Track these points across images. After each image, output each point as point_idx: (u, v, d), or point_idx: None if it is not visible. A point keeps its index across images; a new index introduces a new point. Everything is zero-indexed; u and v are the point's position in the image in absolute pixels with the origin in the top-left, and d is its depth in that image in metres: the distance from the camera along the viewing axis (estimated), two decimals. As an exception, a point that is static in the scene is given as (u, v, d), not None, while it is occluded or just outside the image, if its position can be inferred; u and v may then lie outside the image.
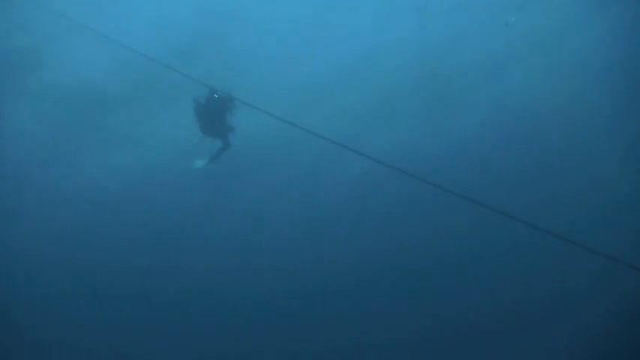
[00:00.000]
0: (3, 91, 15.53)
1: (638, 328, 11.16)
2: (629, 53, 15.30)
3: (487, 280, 16.94)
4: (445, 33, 15.95)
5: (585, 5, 14.82)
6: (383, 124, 17.65)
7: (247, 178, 18.29)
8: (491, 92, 16.85)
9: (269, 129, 12.80)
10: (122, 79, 15.83)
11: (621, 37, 15.12)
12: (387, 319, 17.27)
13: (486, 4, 15.03)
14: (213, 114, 10.19)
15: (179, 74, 7.67)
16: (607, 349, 13.27)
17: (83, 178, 18.03)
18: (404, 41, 16.25)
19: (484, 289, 16.87)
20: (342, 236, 18.29)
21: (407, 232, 17.80)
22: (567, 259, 12.13)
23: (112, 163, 17.97)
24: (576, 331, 14.57)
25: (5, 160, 17.06)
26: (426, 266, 17.50)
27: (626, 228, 14.77)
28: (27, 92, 15.55)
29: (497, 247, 16.58)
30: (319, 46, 16.16)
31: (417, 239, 17.67)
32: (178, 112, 16.36)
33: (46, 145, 16.98)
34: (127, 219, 18.83)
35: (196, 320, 18.80)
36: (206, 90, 9.85)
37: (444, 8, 15.18)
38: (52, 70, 15.16)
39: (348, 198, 18.36)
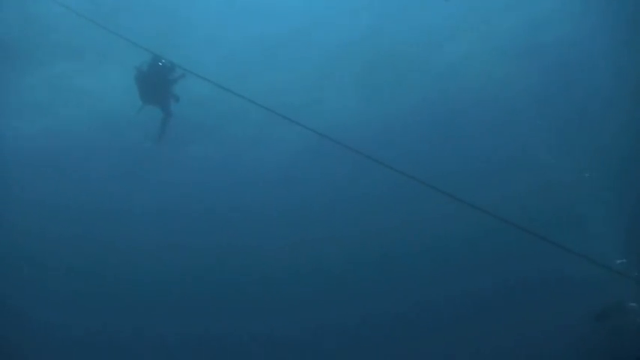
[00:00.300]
0: None
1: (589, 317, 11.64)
2: (568, 36, 15.82)
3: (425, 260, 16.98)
4: (387, 7, 15.78)
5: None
6: (323, 97, 17.33)
7: (184, 148, 17.43)
8: (431, 69, 16.84)
9: (207, 99, 12.15)
10: (37, 35, 14.42)
11: (561, 19, 15.62)
12: (327, 304, 16.91)
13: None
14: (156, 83, 9.58)
15: (112, 35, 6.89)
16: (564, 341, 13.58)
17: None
18: (345, 15, 15.97)
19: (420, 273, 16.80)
20: (281, 209, 17.84)
21: (346, 206, 17.64)
22: (508, 244, 12.12)
23: (30, 129, 16.60)
24: (535, 320, 14.69)
25: None
26: (366, 242, 17.30)
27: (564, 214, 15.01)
28: None
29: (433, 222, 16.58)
30: (259, 18, 15.62)
31: (357, 214, 17.42)
32: (103, 76, 15.32)
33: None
34: (51, 189, 17.59)
35: (120, 294, 17.90)
36: (148, 57, 9.25)
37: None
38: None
39: (287, 171, 17.91)
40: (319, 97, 17.29)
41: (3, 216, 17.40)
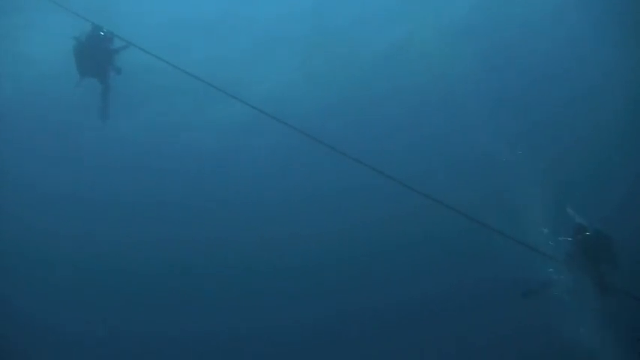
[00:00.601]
0: None
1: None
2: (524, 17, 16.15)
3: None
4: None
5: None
6: (263, 72, 17.00)
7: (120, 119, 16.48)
8: (375, 49, 16.86)
9: (145, 68, 11.65)
10: None
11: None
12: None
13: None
14: (96, 54, 9.11)
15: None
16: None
17: None
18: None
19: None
20: (221, 188, 17.27)
21: (289, 184, 17.35)
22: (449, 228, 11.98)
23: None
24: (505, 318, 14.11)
25: None
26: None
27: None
28: None
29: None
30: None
31: (307, 199, 16.72)
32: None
33: None
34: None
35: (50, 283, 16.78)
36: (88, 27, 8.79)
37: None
38: None
39: (231, 145, 17.36)
40: (259, 75, 16.91)
41: None
